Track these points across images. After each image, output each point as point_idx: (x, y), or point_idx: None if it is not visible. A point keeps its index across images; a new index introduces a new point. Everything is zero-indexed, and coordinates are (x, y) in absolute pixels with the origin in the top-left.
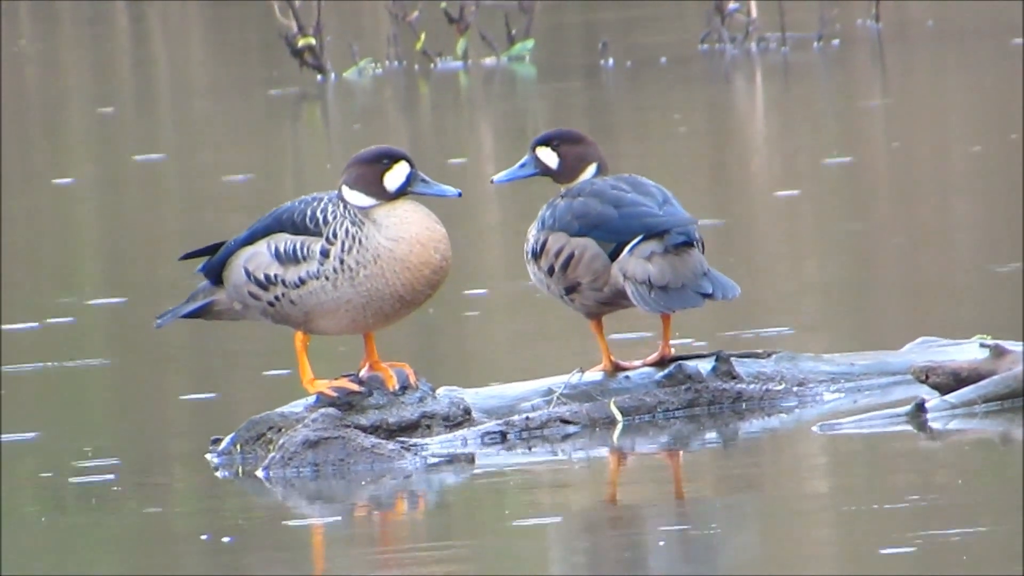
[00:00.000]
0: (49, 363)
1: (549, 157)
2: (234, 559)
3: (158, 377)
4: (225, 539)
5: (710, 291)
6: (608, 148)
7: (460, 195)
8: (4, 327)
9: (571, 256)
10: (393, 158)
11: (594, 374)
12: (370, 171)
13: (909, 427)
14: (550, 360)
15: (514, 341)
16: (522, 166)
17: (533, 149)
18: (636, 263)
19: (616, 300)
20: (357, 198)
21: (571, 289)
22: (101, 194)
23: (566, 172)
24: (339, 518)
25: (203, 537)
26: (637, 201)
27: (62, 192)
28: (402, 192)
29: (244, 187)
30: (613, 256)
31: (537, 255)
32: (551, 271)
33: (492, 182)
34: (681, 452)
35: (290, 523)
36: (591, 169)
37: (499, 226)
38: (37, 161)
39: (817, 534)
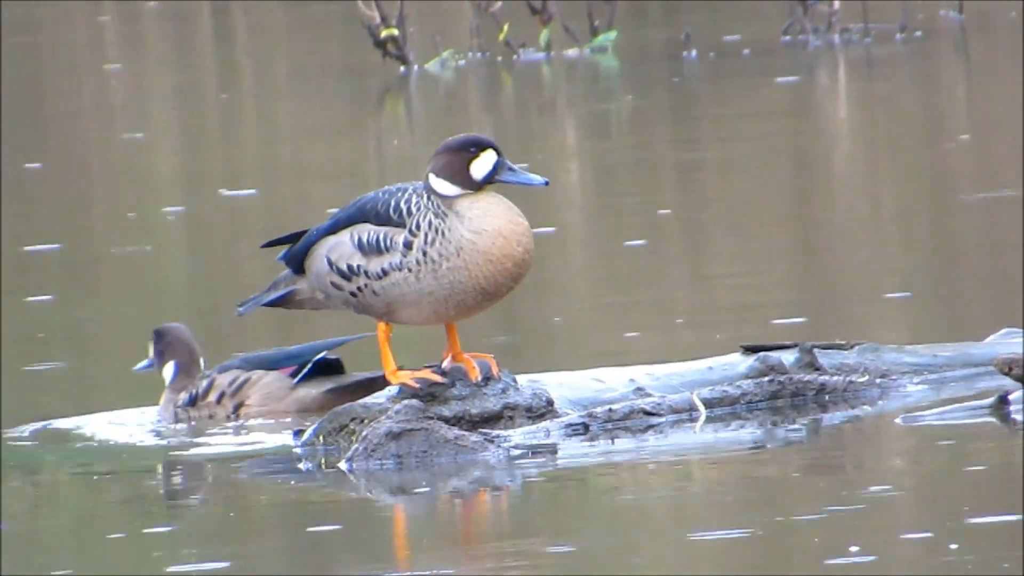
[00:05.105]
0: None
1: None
2: (319, 553)
3: None
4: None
5: None
6: (690, 140)
7: (547, 183)
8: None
9: None
10: (480, 146)
11: (676, 366)
12: (457, 159)
13: (992, 419)
14: (634, 350)
15: (597, 332)
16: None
17: None
18: None
19: None
20: (443, 186)
21: None
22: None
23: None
24: (424, 510)
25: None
26: None
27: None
28: (488, 181)
29: (327, 177)
30: None
31: None
32: None
33: None
34: (766, 444)
35: (378, 514)
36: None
37: (582, 218)
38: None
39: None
